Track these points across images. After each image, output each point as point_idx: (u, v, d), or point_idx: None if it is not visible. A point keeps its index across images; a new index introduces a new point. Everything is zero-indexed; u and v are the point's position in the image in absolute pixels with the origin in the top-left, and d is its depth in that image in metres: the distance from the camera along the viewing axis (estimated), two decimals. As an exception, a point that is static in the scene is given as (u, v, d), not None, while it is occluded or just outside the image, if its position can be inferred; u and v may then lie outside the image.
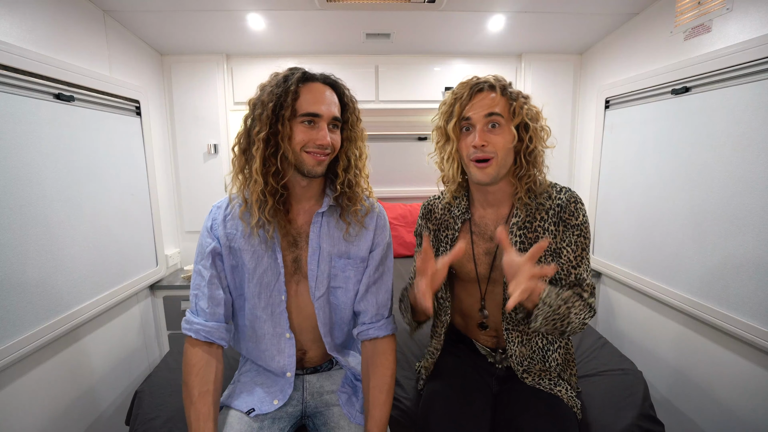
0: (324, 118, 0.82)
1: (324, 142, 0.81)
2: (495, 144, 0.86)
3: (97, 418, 1.50)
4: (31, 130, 1.23)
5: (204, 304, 0.89)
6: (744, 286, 1.21)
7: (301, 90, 0.81)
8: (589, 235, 0.92)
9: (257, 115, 0.81)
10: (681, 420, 1.46)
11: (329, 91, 0.85)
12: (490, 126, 0.87)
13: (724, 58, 1.24)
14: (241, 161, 0.86)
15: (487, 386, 1.02)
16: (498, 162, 0.87)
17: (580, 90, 2.20)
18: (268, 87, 0.83)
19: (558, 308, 0.80)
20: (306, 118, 0.81)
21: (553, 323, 0.82)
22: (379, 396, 0.87)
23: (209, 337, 0.88)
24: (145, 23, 1.75)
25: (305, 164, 0.83)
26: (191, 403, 0.82)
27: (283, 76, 0.83)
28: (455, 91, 0.92)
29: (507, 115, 0.87)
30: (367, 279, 0.94)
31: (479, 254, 0.98)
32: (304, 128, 0.81)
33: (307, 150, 0.82)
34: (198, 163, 2.16)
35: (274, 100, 0.80)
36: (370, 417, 0.86)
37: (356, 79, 2.17)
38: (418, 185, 2.63)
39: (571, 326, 0.83)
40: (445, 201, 1.05)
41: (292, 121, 0.81)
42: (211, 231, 0.92)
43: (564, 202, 0.91)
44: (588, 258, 0.92)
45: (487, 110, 0.86)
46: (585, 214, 0.92)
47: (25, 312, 1.18)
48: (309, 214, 0.92)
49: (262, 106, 0.81)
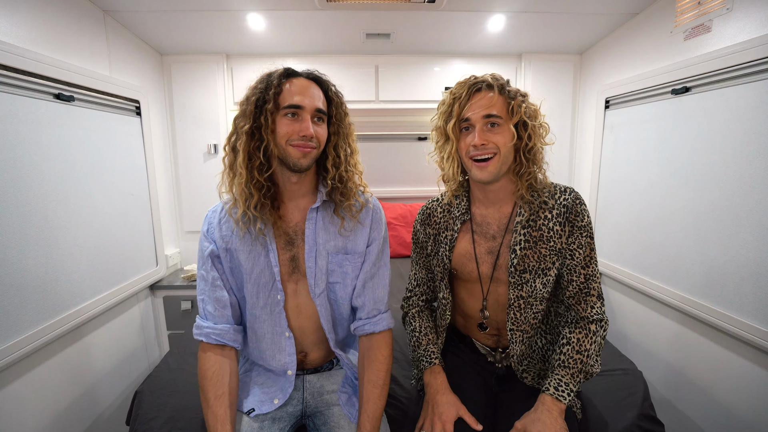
0: (307, 110, 0.83)
1: (307, 133, 0.82)
2: (496, 142, 0.87)
3: (97, 418, 1.50)
4: (31, 130, 1.23)
5: (211, 307, 0.90)
6: (744, 286, 1.21)
7: (283, 84, 0.83)
8: (593, 236, 0.94)
9: (241, 111, 0.84)
10: (681, 420, 1.46)
11: (313, 85, 0.86)
12: (489, 125, 0.88)
13: (724, 58, 1.24)
14: (230, 158, 0.87)
15: (487, 385, 1.02)
16: (500, 159, 0.88)
17: (580, 90, 2.20)
18: (254, 84, 0.85)
19: (578, 385, 0.88)
20: (289, 110, 0.82)
21: (584, 378, 0.90)
22: (373, 390, 0.87)
23: (220, 340, 0.89)
24: (145, 23, 1.75)
25: (290, 157, 0.83)
26: (208, 406, 0.83)
27: (267, 74, 0.85)
28: (453, 91, 0.92)
29: (505, 114, 0.88)
30: (364, 274, 0.94)
31: (481, 253, 0.98)
32: (288, 121, 0.82)
33: (292, 143, 0.82)
34: (198, 163, 2.16)
35: (257, 95, 0.82)
36: (363, 411, 0.86)
37: (356, 79, 2.17)
38: (417, 185, 2.62)
39: (592, 366, 0.90)
40: (444, 202, 1.05)
41: (275, 114, 0.82)
42: (207, 234, 0.93)
43: (570, 203, 0.91)
44: (595, 258, 0.94)
45: (485, 111, 0.87)
46: (588, 215, 0.93)
47: (25, 312, 1.18)
48: (303, 212, 0.92)
49: (246, 102, 0.84)
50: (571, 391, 0.85)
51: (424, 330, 1.05)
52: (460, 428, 0.86)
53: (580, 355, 0.88)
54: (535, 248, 0.91)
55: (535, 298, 0.94)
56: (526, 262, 0.92)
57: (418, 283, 1.11)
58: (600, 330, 0.91)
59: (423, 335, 1.04)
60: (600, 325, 0.92)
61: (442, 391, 0.92)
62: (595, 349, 0.90)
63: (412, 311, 1.10)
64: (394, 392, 1.11)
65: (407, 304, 1.13)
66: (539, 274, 0.92)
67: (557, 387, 0.85)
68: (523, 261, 0.92)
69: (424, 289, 1.11)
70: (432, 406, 0.91)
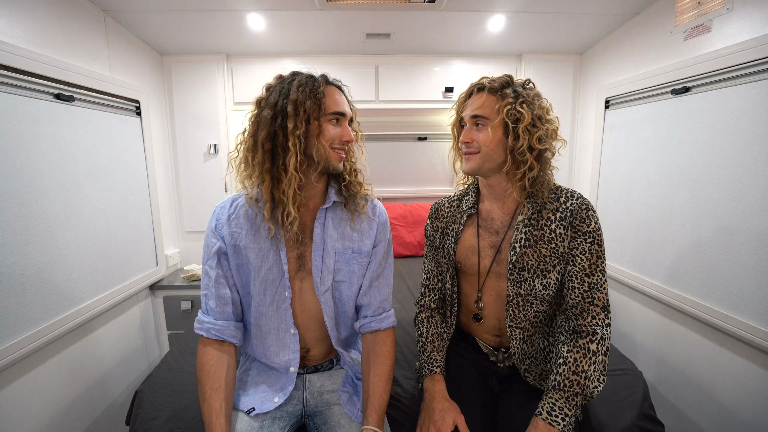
0: (347, 117, 0.91)
1: (349, 138, 0.90)
2: (478, 140, 0.93)
3: (97, 418, 1.50)
4: (31, 130, 1.23)
5: (213, 303, 0.92)
6: (744, 286, 1.21)
7: (326, 91, 0.87)
8: (602, 244, 0.90)
9: (291, 112, 0.83)
10: (681, 420, 1.46)
11: (339, 92, 0.92)
12: (476, 125, 0.94)
13: (724, 58, 1.24)
14: (260, 161, 0.85)
15: (489, 386, 1.02)
16: (482, 156, 0.93)
17: (580, 90, 2.20)
18: (292, 87, 0.84)
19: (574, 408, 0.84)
20: (334, 116, 0.88)
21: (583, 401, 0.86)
22: (378, 384, 0.90)
23: (220, 335, 0.91)
24: (145, 23, 1.75)
25: (332, 160, 0.88)
26: (204, 399, 0.84)
27: (306, 77, 0.87)
28: (462, 92, 1.00)
29: (492, 115, 0.91)
30: (370, 274, 0.97)
31: (484, 247, 1.00)
32: (332, 126, 0.88)
33: (334, 147, 0.88)
34: (198, 163, 2.16)
35: (310, 99, 0.84)
36: (370, 404, 0.87)
37: (356, 79, 2.17)
38: (418, 185, 2.63)
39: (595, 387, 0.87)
40: (454, 199, 1.10)
41: (320, 120, 0.85)
42: (215, 231, 0.93)
43: (576, 208, 0.90)
44: (604, 268, 0.90)
45: (473, 111, 0.93)
46: (597, 221, 0.91)
47: (25, 312, 1.18)
48: (313, 211, 0.95)
49: (294, 104, 0.83)
50: (565, 416, 0.82)
51: (431, 336, 1.05)
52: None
53: (576, 376, 0.84)
54: (535, 247, 0.92)
55: (534, 297, 0.94)
56: (525, 260, 0.93)
57: (429, 276, 1.12)
58: (602, 348, 0.87)
59: (429, 342, 1.05)
60: (602, 343, 0.87)
61: (439, 398, 0.92)
62: (596, 369, 0.86)
63: (422, 315, 1.11)
64: (395, 392, 1.11)
65: (420, 304, 1.14)
66: (538, 274, 0.93)
67: (550, 411, 0.82)
68: (522, 259, 0.93)
69: (435, 282, 1.12)
70: (428, 413, 0.91)
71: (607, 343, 0.88)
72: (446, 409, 0.89)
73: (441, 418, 0.87)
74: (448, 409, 0.89)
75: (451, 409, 0.89)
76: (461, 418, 0.88)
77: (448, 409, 0.89)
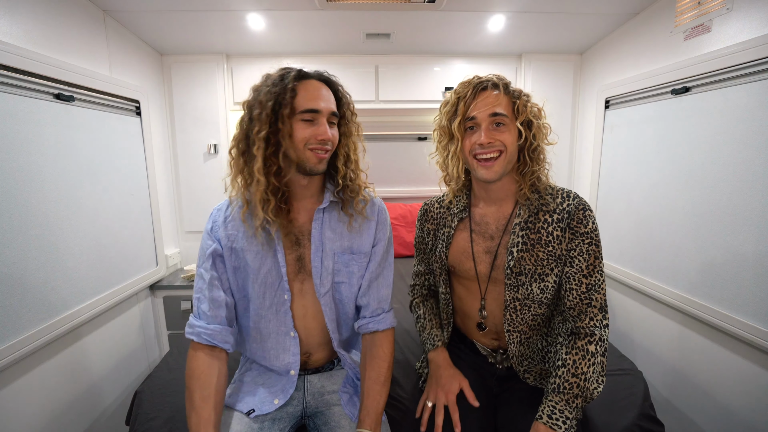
0: (323, 114, 0.83)
1: (325, 137, 0.83)
2: (503, 140, 0.87)
3: (97, 418, 1.50)
4: (31, 130, 1.23)
5: (205, 306, 0.89)
6: (744, 285, 1.21)
7: (298, 87, 0.82)
8: (600, 244, 0.90)
9: (256, 115, 0.81)
10: (681, 420, 1.46)
11: (325, 87, 0.86)
12: (495, 124, 0.88)
13: (724, 58, 1.24)
14: (239, 163, 0.86)
15: (488, 387, 1.02)
16: (506, 158, 0.88)
17: (580, 90, 2.20)
18: (264, 87, 0.83)
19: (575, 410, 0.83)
20: (306, 116, 0.82)
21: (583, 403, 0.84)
22: (373, 386, 0.88)
23: (211, 340, 0.87)
24: (145, 23, 1.75)
25: (308, 162, 0.84)
26: (193, 407, 0.80)
27: (278, 76, 0.83)
28: (458, 90, 0.92)
29: (511, 114, 0.88)
30: (369, 274, 0.96)
31: (479, 252, 0.98)
32: (305, 125, 0.82)
33: (310, 147, 0.83)
34: (198, 163, 2.16)
35: (273, 99, 0.80)
36: (363, 407, 0.86)
37: (356, 79, 2.17)
38: (418, 185, 2.62)
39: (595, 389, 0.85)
40: (445, 201, 1.06)
41: (291, 119, 0.82)
42: (211, 233, 0.92)
43: (573, 208, 0.89)
44: (601, 268, 0.89)
45: (491, 109, 0.87)
46: (594, 221, 0.90)
47: (25, 312, 1.18)
48: (310, 212, 0.93)
49: (260, 106, 0.81)
50: (567, 419, 0.81)
51: (428, 315, 1.11)
52: (461, 402, 0.92)
53: (576, 378, 0.83)
54: (532, 251, 0.91)
55: (532, 300, 0.93)
56: (523, 264, 0.91)
57: (417, 274, 1.19)
58: (600, 349, 0.86)
59: (427, 320, 1.10)
60: (600, 344, 0.86)
61: (445, 366, 0.99)
62: (595, 370, 0.85)
63: (417, 300, 1.18)
64: (395, 392, 1.11)
65: (412, 292, 1.20)
66: (536, 278, 0.91)
67: (551, 415, 0.81)
68: (520, 263, 0.91)
69: (423, 280, 1.18)
70: (436, 379, 0.97)
71: (606, 344, 0.88)
72: (452, 375, 0.97)
73: (448, 383, 0.95)
74: (453, 375, 0.97)
75: (456, 375, 0.97)
76: (466, 382, 0.96)
77: (453, 375, 0.97)
